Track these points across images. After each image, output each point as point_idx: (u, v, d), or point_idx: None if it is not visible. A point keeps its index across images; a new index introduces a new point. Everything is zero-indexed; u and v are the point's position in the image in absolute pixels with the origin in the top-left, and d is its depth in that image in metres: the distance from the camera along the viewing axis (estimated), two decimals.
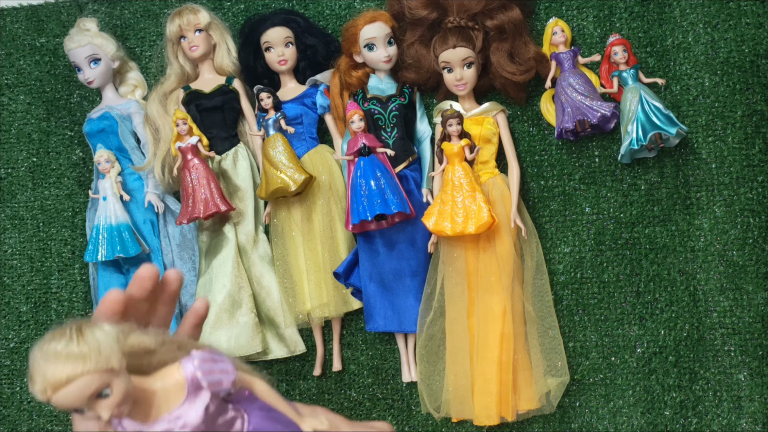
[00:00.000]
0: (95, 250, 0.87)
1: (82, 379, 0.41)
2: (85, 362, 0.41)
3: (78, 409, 0.42)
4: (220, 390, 0.47)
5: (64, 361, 0.41)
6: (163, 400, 0.46)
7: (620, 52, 0.81)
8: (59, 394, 0.41)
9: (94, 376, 0.42)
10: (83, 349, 0.41)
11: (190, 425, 0.46)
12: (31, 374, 0.41)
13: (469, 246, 0.81)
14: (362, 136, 0.81)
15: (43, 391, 0.41)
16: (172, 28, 0.88)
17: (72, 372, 0.41)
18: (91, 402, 0.42)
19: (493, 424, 0.80)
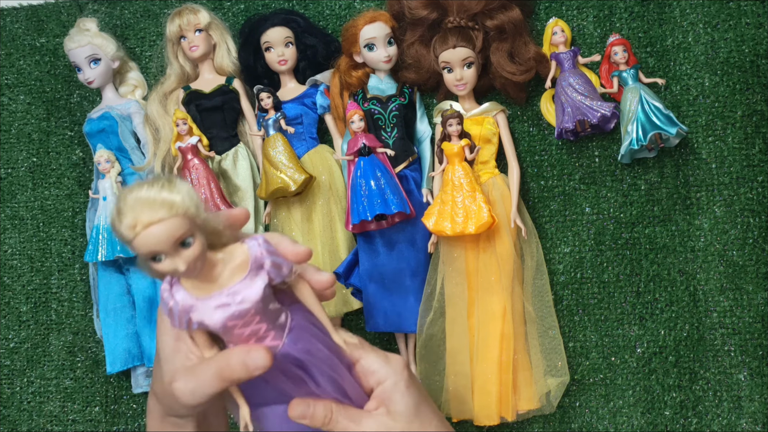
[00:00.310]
0: (95, 250, 0.87)
1: (174, 220, 0.43)
2: (178, 207, 0.43)
3: (156, 254, 0.44)
4: (278, 274, 0.48)
5: (159, 202, 0.42)
6: (226, 274, 0.47)
7: (620, 52, 0.81)
8: (148, 231, 0.42)
9: (184, 221, 0.43)
10: (177, 197, 0.43)
11: (248, 301, 0.47)
12: (119, 210, 0.42)
13: (469, 246, 0.81)
14: (362, 136, 0.81)
15: (132, 227, 0.42)
16: (172, 28, 0.88)
17: (166, 212, 0.42)
18: (174, 248, 0.44)
19: (493, 424, 0.80)
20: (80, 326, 0.95)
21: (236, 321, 0.47)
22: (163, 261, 0.44)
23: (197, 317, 0.47)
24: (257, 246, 0.47)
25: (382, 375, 0.55)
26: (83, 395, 0.94)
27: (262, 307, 0.48)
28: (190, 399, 0.51)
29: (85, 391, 0.94)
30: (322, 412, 0.53)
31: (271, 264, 0.47)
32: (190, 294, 0.47)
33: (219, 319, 0.47)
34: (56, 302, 0.96)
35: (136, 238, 0.43)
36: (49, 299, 0.96)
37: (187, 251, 0.44)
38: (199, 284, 0.47)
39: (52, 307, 0.96)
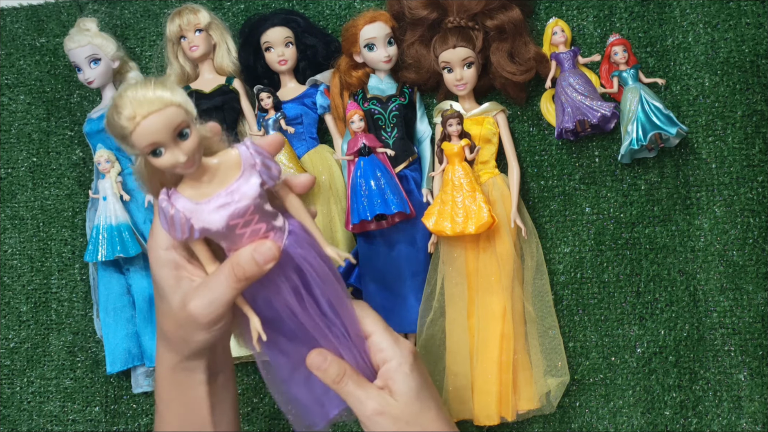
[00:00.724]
0: (95, 250, 0.87)
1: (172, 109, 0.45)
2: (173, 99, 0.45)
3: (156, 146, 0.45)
4: (269, 175, 0.50)
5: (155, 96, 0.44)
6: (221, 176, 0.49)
7: (620, 52, 0.81)
8: (148, 121, 0.44)
9: (180, 110, 0.45)
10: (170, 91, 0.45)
11: (247, 197, 0.48)
12: (117, 105, 0.44)
13: (469, 246, 0.81)
14: (362, 136, 0.81)
15: (132, 117, 0.44)
16: (172, 28, 0.88)
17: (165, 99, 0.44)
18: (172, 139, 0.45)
19: (493, 424, 0.80)
20: (80, 326, 0.95)
21: (237, 220, 0.49)
22: (163, 154, 0.46)
23: (199, 223, 0.48)
24: (246, 148, 0.49)
25: (389, 354, 0.57)
26: (83, 395, 0.94)
27: (260, 205, 0.50)
28: (208, 313, 0.52)
29: (85, 391, 0.94)
30: (335, 370, 0.56)
31: (262, 163, 0.49)
32: (190, 200, 0.48)
33: (221, 219, 0.48)
34: (56, 302, 0.96)
35: (136, 130, 0.44)
36: (49, 299, 0.96)
37: (186, 143, 0.46)
38: (197, 189, 0.49)
39: (52, 307, 0.96)
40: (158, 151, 0.46)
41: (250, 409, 0.90)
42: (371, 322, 0.58)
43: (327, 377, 0.56)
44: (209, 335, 0.54)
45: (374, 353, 0.58)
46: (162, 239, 0.55)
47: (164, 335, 0.57)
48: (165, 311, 0.56)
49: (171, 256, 0.54)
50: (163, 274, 0.54)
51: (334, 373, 0.56)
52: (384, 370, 0.57)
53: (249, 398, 0.90)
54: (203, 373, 0.58)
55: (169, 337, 0.56)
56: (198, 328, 0.54)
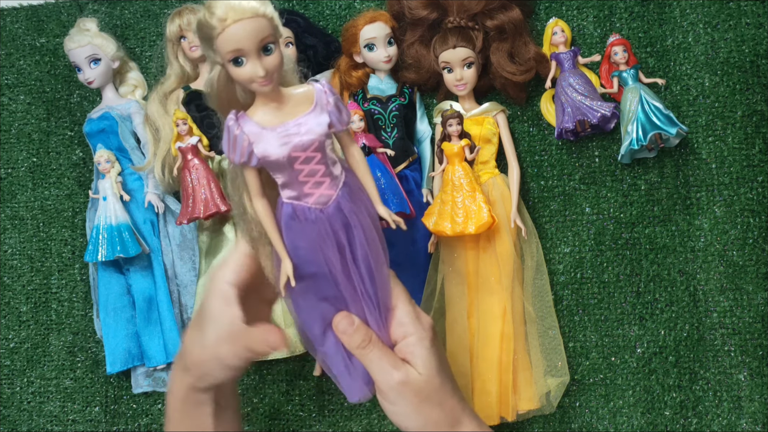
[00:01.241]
0: (95, 250, 0.87)
1: (263, 20, 0.45)
2: (266, 12, 0.45)
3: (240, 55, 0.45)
4: (339, 118, 0.50)
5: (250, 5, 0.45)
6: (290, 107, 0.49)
7: (620, 52, 0.81)
8: (237, 25, 0.44)
9: (272, 24, 0.46)
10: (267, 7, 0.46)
11: (313, 132, 0.49)
12: (210, 5, 0.45)
13: (469, 246, 0.81)
14: (362, 136, 0.81)
15: (223, 19, 0.44)
16: (172, 28, 0.88)
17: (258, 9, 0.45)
18: (257, 50, 0.46)
19: (493, 424, 0.80)
20: (80, 326, 0.95)
21: (299, 153, 0.49)
22: (244, 64, 0.46)
23: (261, 149, 0.48)
24: (321, 88, 0.50)
25: (410, 329, 0.57)
26: (83, 395, 0.94)
27: (324, 145, 0.50)
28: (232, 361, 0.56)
29: (85, 391, 0.94)
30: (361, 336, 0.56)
31: (334, 104, 0.50)
32: (258, 124, 0.49)
33: (284, 148, 0.48)
34: (56, 302, 0.96)
35: (224, 32, 0.45)
36: (49, 299, 0.96)
37: (268, 58, 0.46)
38: (266, 114, 0.49)
39: (52, 307, 0.96)
40: (240, 59, 0.46)
41: (250, 409, 0.90)
42: (398, 295, 0.58)
43: (352, 341, 0.56)
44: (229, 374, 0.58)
45: (396, 326, 0.57)
46: (229, 274, 0.57)
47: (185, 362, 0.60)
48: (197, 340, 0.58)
49: (228, 290, 0.57)
50: (214, 306, 0.57)
51: (360, 338, 0.56)
52: (404, 344, 0.57)
53: (249, 398, 0.90)
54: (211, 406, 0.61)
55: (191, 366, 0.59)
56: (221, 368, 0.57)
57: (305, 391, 0.89)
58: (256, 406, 0.90)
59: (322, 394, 0.88)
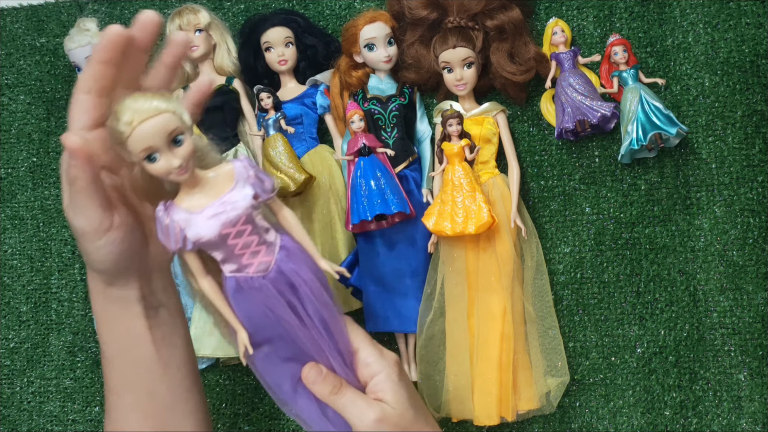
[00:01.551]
0: None
1: (167, 115, 0.48)
2: (168, 107, 0.48)
3: (152, 152, 0.48)
4: (262, 188, 0.52)
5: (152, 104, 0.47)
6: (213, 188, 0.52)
7: (620, 52, 0.81)
8: (144, 125, 0.47)
9: (176, 117, 0.48)
10: (167, 99, 0.48)
11: (239, 207, 0.51)
12: (117, 111, 0.47)
13: (469, 246, 0.81)
14: (362, 136, 0.81)
15: (129, 122, 0.47)
16: (172, 28, 0.88)
17: (160, 107, 0.47)
18: (167, 145, 0.48)
19: (493, 424, 0.80)
20: (80, 326, 0.95)
21: (229, 229, 0.51)
22: (158, 160, 0.48)
23: (193, 233, 0.50)
24: (240, 162, 0.52)
25: (376, 368, 0.58)
26: (83, 395, 0.94)
27: (252, 217, 0.52)
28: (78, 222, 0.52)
29: (85, 391, 0.94)
30: (330, 383, 0.57)
31: (255, 176, 0.52)
32: (185, 211, 0.51)
33: (214, 228, 0.50)
34: (56, 302, 0.96)
35: (132, 134, 0.47)
36: (49, 299, 0.96)
37: (180, 149, 0.49)
38: (191, 200, 0.51)
39: (52, 307, 0.96)
40: (153, 156, 0.48)
41: (250, 409, 0.90)
42: (357, 337, 0.59)
43: (323, 390, 0.56)
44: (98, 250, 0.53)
45: (361, 368, 0.58)
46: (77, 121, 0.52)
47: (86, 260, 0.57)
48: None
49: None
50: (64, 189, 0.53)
51: (330, 385, 0.56)
52: (373, 383, 0.58)
53: (249, 398, 0.90)
54: (137, 305, 0.57)
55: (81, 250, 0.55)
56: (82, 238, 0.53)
57: None
58: (256, 406, 0.90)
59: None
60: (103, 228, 0.52)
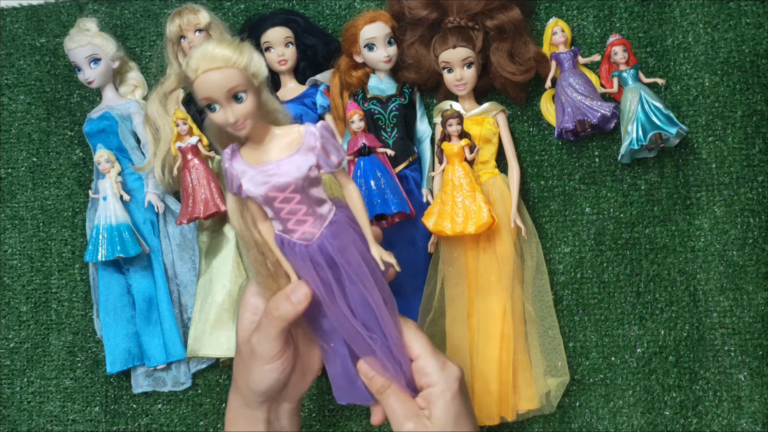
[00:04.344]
0: (95, 250, 0.87)
1: (230, 71, 0.47)
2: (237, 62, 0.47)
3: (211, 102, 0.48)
4: (327, 162, 0.51)
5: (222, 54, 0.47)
6: (276, 148, 0.51)
7: (620, 52, 0.81)
8: (206, 76, 0.47)
9: (239, 75, 0.47)
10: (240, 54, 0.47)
11: (289, 175, 0.50)
12: (190, 55, 0.48)
13: (469, 246, 0.81)
14: (362, 136, 0.81)
15: (194, 69, 0.47)
16: (172, 28, 0.88)
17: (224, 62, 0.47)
18: (227, 99, 0.48)
19: (493, 424, 0.80)
20: (80, 326, 0.95)
21: (276, 193, 0.51)
22: (217, 111, 0.48)
23: (246, 184, 0.51)
24: (313, 129, 0.51)
25: (434, 380, 0.58)
26: (83, 395, 0.94)
27: (303, 187, 0.51)
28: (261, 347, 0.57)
29: (85, 391, 0.94)
30: (381, 381, 0.58)
31: (321, 147, 0.50)
32: (245, 161, 0.51)
33: (262, 188, 0.50)
34: (56, 302, 0.96)
35: (196, 81, 0.47)
36: (49, 299, 0.96)
37: (239, 106, 0.48)
38: (255, 152, 0.51)
39: (52, 307, 0.96)
40: (212, 106, 0.48)
41: None
42: (419, 345, 0.59)
43: (372, 385, 0.59)
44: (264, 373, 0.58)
45: (419, 376, 0.59)
46: (252, 285, 0.60)
47: (235, 382, 0.62)
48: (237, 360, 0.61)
49: (255, 302, 0.60)
50: (244, 317, 0.60)
51: (380, 384, 0.58)
52: (427, 393, 0.58)
53: None
54: (263, 426, 0.62)
55: (236, 378, 0.61)
56: (255, 362, 0.58)
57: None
58: None
59: (322, 393, 0.88)
60: (278, 356, 0.58)
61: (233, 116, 0.48)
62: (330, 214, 0.53)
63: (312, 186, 0.51)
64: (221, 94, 0.47)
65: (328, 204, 0.53)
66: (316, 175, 0.51)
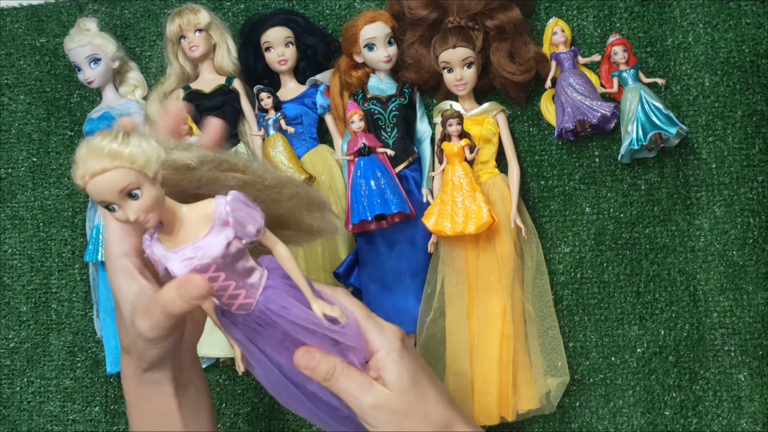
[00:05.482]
0: (95, 250, 0.87)
1: (115, 172, 0.45)
2: (122, 159, 0.45)
3: (109, 204, 0.46)
4: (244, 232, 0.49)
5: (106, 153, 0.44)
6: (190, 229, 0.49)
7: (620, 52, 0.81)
8: (93, 182, 0.45)
9: (127, 173, 0.45)
10: (123, 149, 0.45)
11: (208, 256, 0.48)
12: (75, 159, 0.45)
13: (469, 246, 0.81)
14: (362, 136, 0.81)
15: (82, 177, 0.45)
16: (172, 28, 0.88)
17: (108, 164, 0.44)
18: (121, 199, 0.46)
19: (493, 424, 0.80)
20: (80, 326, 0.95)
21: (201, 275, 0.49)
22: (116, 211, 0.46)
23: (170, 267, 0.49)
24: (223, 203, 0.48)
25: (375, 344, 0.55)
26: (83, 395, 0.94)
27: (225, 264, 0.49)
28: (151, 333, 0.52)
29: (85, 391, 0.94)
30: (325, 367, 0.54)
31: (234, 221, 0.48)
32: (164, 246, 0.49)
33: (185, 272, 0.49)
34: (56, 302, 0.96)
35: (86, 188, 0.45)
36: (49, 299, 0.96)
37: (136, 203, 0.46)
38: (170, 236, 0.49)
39: (52, 307, 0.96)
40: (111, 207, 0.46)
41: (250, 409, 0.90)
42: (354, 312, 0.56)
43: (317, 376, 0.54)
44: (159, 350, 0.54)
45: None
46: (115, 247, 0.54)
47: (124, 346, 0.57)
48: (121, 322, 0.55)
49: (124, 263, 0.54)
50: (118, 283, 0.54)
51: (324, 370, 0.54)
52: (373, 360, 0.55)
53: (249, 398, 0.90)
54: (170, 384, 0.57)
55: (128, 347, 0.56)
56: (147, 343, 0.53)
57: None
58: (256, 406, 0.90)
59: None
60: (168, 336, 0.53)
61: (133, 214, 0.46)
62: (262, 280, 0.51)
63: (236, 260, 0.50)
64: (114, 196, 0.45)
65: (257, 271, 0.51)
66: (239, 247, 0.49)
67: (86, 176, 0.44)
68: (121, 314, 0.55)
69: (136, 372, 0.57)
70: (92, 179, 0.44)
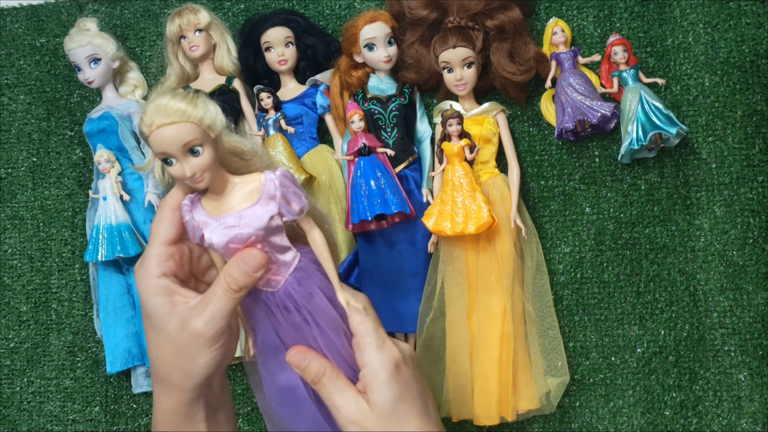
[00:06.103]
0: (95, 250, 0.87)
1: (184, 125, 0.47)
2: (191, 115, 0.46)
3: (168, 157, 0.48)
4: (288, 210, 0.50)
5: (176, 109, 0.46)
6: (236, 198, 0.50)
7: (620, 52, 0.81)
8: (160, 131, 0.46)
9: (194, 128, 0.47)
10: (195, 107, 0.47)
11: (250, 226, 0.50)
12: (145, 110, 0.47)
13: (469, 246, 0.81)
14: (362, 136, 0.81)
15: (149, 126, 0.47)
16: (172, 28, 0.88)
17: (179, 117, 0.46)
18: (182, 153, 0.48)
19: (493, 424, 0.80)
20: (80, 326, 0.95)
21: (237, 245, 0.50)
22: (173, 164, 0.48)
23: (208, 235, 0.50)
24: (272, 177, 0.50)
25: (367, 359, 0.53)
26: (83, 395, 0.94)
27: (265, 236, 0.50)
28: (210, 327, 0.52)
29: (85, 391, 0.94)
30: (314, 369, 0.54)
31: (281, 196, 0.50)
32: (206, 212, 0.50)
33: (222, 240, 0.50)
34: (56, 302, 0.96)
35: (150, 136, 0.47)
36: (49, 299, 0.96)
37: (195, 159, 0.48)
38: (215, 203, 0.50)
39: (52, 307, 0.96)
40: (169, 160, 0.48)
41: (250, 409, 0.90)
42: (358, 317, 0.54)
43: (306, 376, 0.54)
44: (211, 355, 0.53)
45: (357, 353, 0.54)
46: (152, 267, 0.53)
47: (161, 375, 0.55)
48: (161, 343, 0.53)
49: (163, 283, 0.53)
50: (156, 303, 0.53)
51: (313, 372, 0.53)
52: (362, 374, 0.54)
53: (249, 398, 0.90)
54: (203, 410, 0.56)
55: (168, 373, 0.54)
56: (201, 347, 0.52)
57: None
58: (256, 406, 0.90)
59: None
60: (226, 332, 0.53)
61: (190, 170, 0.48)
62: (294, 260, 0.52)
63: (274, 234, 0.51)
64: (177, 148, 0.47)
65: (292, 251, 0.52)
66: (279, 224, 0.50)
67: (153, 125, 0.46)
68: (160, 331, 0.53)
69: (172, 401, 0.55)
70: (159, 129, 0.46)
